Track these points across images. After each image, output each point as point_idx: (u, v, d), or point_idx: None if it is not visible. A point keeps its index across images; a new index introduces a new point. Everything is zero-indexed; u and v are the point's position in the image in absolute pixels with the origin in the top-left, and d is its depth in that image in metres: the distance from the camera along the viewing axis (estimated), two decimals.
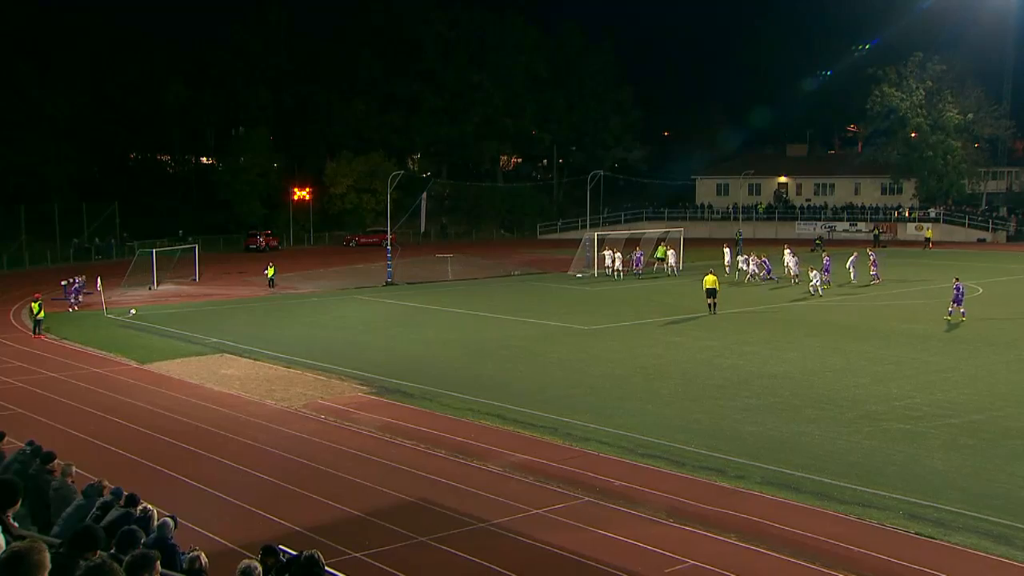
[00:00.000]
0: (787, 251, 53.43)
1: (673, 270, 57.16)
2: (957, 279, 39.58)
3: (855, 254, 52.35)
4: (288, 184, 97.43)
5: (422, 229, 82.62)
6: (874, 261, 50.88)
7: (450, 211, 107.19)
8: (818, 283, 46.44)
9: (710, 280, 40.95)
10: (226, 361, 31.79)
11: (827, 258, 50.45)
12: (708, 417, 23.13)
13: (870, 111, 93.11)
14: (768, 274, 52.91)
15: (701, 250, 66.55)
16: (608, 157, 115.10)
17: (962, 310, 38.21)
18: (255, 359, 31.85)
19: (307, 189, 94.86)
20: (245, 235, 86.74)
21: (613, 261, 57.65)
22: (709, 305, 40.59)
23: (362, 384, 27.52)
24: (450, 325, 39.42)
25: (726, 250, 58.04)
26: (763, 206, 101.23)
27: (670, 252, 57.32)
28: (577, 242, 65.04)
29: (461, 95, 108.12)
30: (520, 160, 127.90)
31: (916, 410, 23.57)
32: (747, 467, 19.10)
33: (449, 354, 32.52)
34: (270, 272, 56.28)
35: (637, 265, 57.51)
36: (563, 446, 20.79)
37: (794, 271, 50.92)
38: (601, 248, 59.57)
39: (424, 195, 71.49)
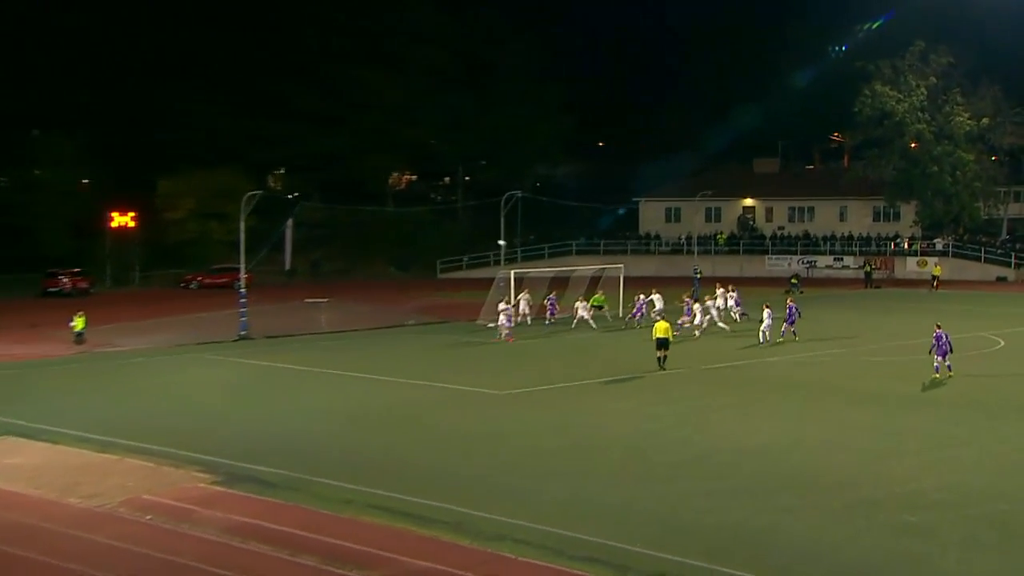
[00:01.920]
0: (720, 291, 54.95)
1: (590, 320, 57.19)
2: (939, 326, 40.14)
3: (766, 309, 51.11)
4: (105, 207, 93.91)
5: (287, 266, 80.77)
6: (792, 311, 50.17)
7: (324, 242, 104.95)
8: (767, 328, 48.00)
9: (661, 328, 41.60)
10: (11, 447, 30.56)
11: (792, 304, 51.03)
12: (658, 504, 22.93)
13: (859, 115, 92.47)
14: (742, 312, 55.52)
15: (647, 290, 63.20)
16: (529, 174, 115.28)
17: (947, 364, 38.79)
18: (54, 442, 30.83)
19: (131, 213, 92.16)
20: (43, 274, 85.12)
21: (525, 308, 57.63)
22: (659, 359, 41.17)
23: (204, 471, 26.84)
24: (324, 391, 38.77)
25: (720, 293, 58.19)
26: (723, 236, 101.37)
27: (655, 296, 55.69)
28: (488, 282, 64.90)
29: (341, 94, 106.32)
30: (416, 178, 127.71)
31: (924, 496, 23.49)
32: (709, 573, 18.73)
33: (322, 429, 31.96)
34: (78, 323, 54.47)
35: (551, 313, 57.91)
36: (469, 547, 20.37)
37: (714, 316, 52.50)
38: (520, 289, 58.86)
39: (290, 222, 70.24)
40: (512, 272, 60.40)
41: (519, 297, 58.60)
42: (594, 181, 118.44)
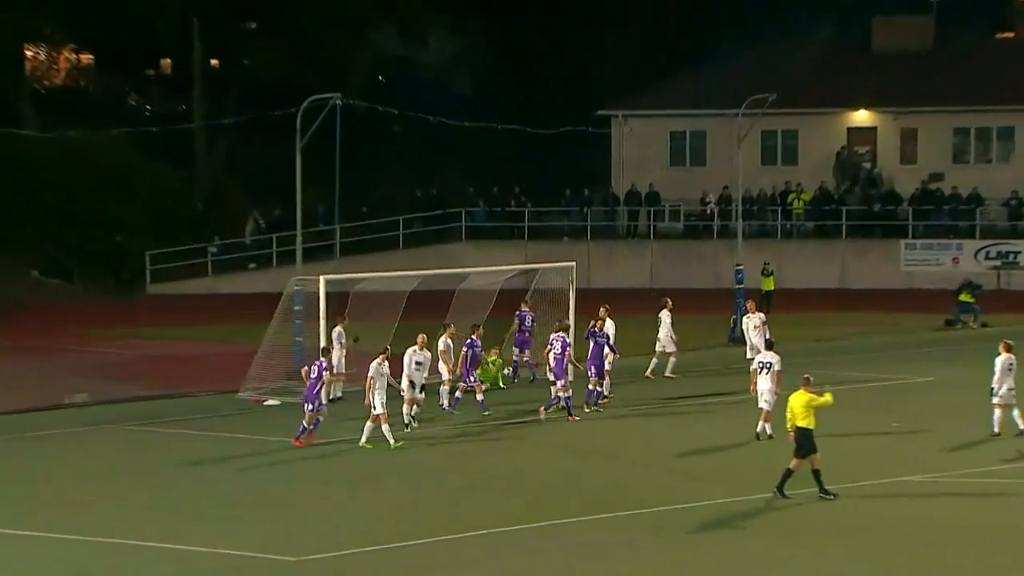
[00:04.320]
0: (665, 312, 42.64)
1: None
2: None
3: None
4: None
5: None
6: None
7: None
8: None
9: (800, 405, 26.85)
10: None
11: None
12: None
13: None
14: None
15: (635, 318, 45.93)
16: (363, 62, 74.14)
17: None
18: None
19: None
20: None
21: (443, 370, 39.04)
22: (784, 476, 26.70)
23: None
24: None
25: (664, 316, 43.38)
26: (803, 200, 66.53)
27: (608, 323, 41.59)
28: (260, 302, 47.45)
29: None
30: (93, 60, 78.05)
31: None
32: None
33: None
34: None
35: (467, 376, 37.28)
36: None
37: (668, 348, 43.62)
38: (337, 316, 38.91)
39: None
40: (323, 280, 38.91)
41: (340, 329, 38.26)
42: (509, 80, 79.92)
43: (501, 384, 40.90)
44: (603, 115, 72.25)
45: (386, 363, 32.59)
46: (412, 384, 34.90)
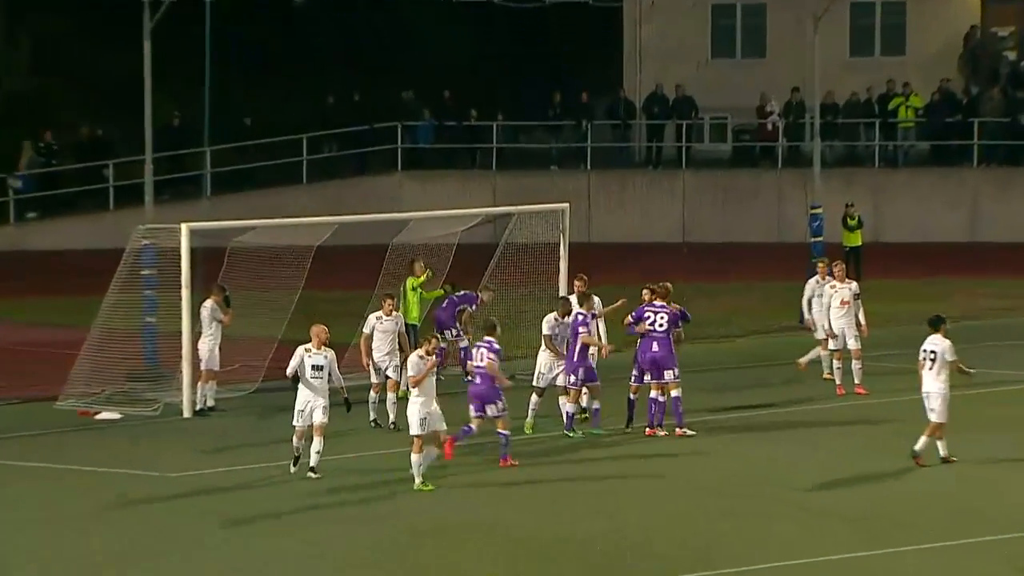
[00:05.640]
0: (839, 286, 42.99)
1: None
2: None
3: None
4: None
5: None
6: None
7: None
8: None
9: None
10: None
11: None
12: None
13: None
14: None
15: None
16: None
17: None
18: None
19: None
20: None
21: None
22: None
23: None
24: None
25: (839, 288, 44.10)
26: (912, 105, 66.53)
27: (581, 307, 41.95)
28: (98, 263, 47.40)
29: None
30: None
31: None
32: None
33: None
34: None
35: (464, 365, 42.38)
36: None
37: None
38: (209, 285, 40.87)
39: None
40: (185, 229, 39.89)
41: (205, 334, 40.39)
42: None
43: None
44: None
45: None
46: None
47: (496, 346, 33.90)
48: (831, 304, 39.67)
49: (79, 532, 29.67)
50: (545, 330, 36.98)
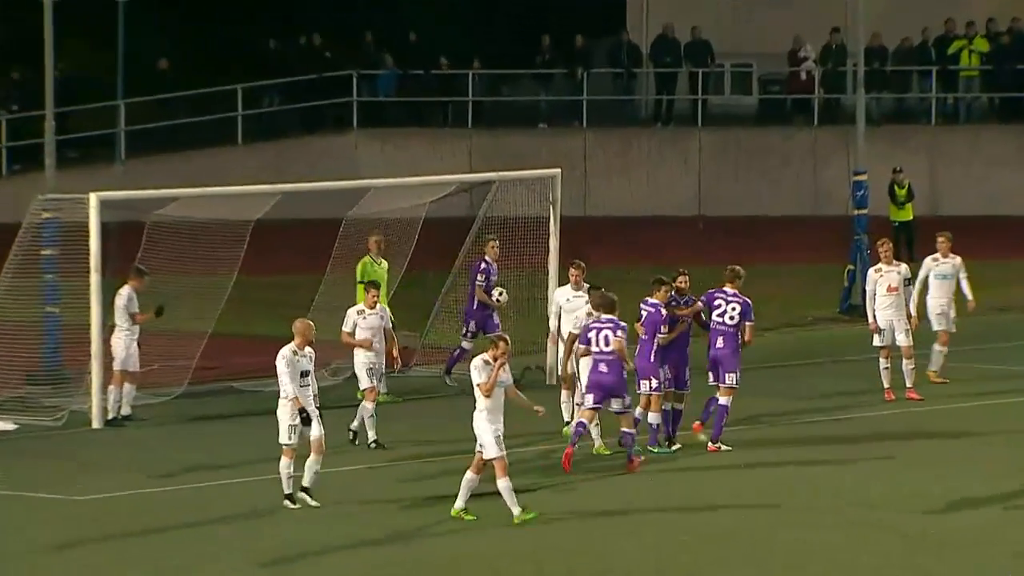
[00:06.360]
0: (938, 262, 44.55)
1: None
2: None
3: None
4: None
5: None
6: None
7: None
8: None
9: None
10: None
11: None
12: None
13: None
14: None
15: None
16: None
17: None
18: None
19: None
20: None
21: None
22: None
23: None
24: None
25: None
26: (977, 58, 67.47)
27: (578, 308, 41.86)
28: None
29: None
30: None
31: None
32: None
33: None
34: None
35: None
36: None
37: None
38: (125, 268, 41.40)
39: None
40: (95, 199, 41.00)
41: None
42: None
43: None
44: None
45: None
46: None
47: (622, 324, 34.10)
48: (876, 291, 40.35)
49: None
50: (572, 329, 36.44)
